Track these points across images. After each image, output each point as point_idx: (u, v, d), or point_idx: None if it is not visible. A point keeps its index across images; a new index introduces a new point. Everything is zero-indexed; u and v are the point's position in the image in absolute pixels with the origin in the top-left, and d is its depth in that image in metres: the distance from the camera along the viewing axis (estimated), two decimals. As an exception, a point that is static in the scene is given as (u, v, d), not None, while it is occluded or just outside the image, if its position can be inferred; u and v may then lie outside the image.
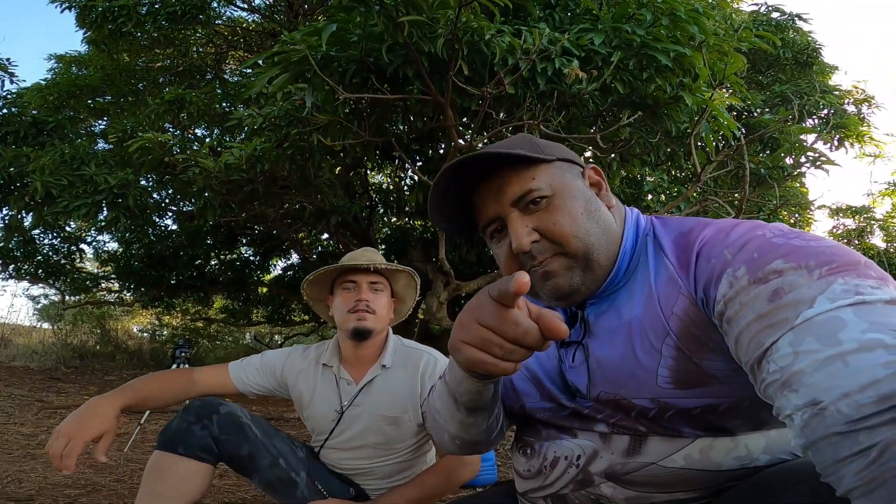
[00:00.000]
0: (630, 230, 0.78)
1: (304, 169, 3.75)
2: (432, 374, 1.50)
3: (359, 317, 1.48)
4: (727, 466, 0.68)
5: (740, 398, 0.66)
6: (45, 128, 4.66)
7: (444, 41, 2.41)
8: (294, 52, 2.49)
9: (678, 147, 3.86)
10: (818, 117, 4.80)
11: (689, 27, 2.63)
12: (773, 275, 0.57)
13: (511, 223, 0.74)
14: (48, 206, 3.93)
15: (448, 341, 0.65)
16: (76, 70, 6.29)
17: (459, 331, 0.62)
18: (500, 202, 0.75)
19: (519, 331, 0.57)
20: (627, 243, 0.77)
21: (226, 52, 6.31)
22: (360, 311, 1.48)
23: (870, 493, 0.44)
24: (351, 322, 1.49)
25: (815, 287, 0.54)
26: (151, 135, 3.63)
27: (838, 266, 0.55)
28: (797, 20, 5.22)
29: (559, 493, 0.77)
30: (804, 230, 2.97)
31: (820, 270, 0.55)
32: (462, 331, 0.61)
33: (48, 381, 5.41)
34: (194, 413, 1.39)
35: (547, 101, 2.87)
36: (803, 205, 5.29)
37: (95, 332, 8.48)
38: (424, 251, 5.52)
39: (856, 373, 0.47)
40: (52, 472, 2.13)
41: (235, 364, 1.60)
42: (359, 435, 1.53)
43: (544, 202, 0.74)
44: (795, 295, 0.54)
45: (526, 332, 0.57)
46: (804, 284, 0.54)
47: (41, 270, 6.29)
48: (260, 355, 1.64)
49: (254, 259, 7.14)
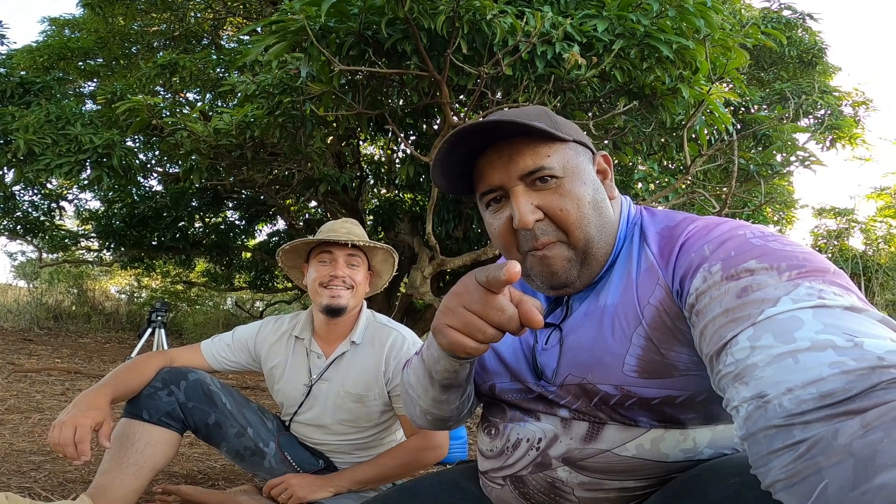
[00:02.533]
0: (623, 220, 0.79)
1: (294, 137, 3.69)
2: (398, 354, 1.49)
3: (332, 293, 1.46)
4: (674, 458, 0.71)
5: (697, 392, 0.68)
6: (32, 88, 4.58)
7: (445, 18, 2.36)
8: (292, 21, 2.43)
9: (671, 138, 3.86)
10: (814, 117, 4.83)
11: (696, 20, 2.61)
12: (745, 273, 0.59)
13: (516, 197, 0.73)
14: (30, 164, 3.85)
15: (432, 322, 0.66)
16: (69, 33, 6.15)
17: (445, 315, 0.63)
18: (509, 172, 0.73)
19: (504, 317, 0.59)
20: (621, 233, 0.78)
21: (224, 18, 6.14)
22: (335, 288, 1.46)
23: (790, 486, 0.46)
24: (324, 298, 1.46)
25: (782, 288, 0.56)
26: (140, 97, 3.54)
27: (808, 271, 0.57)
28: (807, 19, 5.20)
29: (518, 474, 0.79)
30: (786, 227, 2.99)
31: (790, 273, 0.57)
32: (448, 314, 0.63)
33: (21, 342, 5.34)
34: (161, 379, 1.40)
35: (544, 84, 2.84)
36: (788, 203, 5.36)
37: (72, 291, 8.37)
38: (412, 224, 5.51)
39: (803, 370, 0.48)
40: (17, 438, 2.11)
41: (207, 342, 1.59)
42: (325, 412, 1.53)
43: (553, 182, 0.73)
44: (762, 293, 0.56)
45: (510, 319, 0.59)
46: (772, 284, 0.56)
47: (20, 226, 6.16)
48: (231, 331, 1.62)
49: (239, 223, 7.04)
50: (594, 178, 0.77)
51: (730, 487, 0.60)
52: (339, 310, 1.47)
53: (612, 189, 0.80)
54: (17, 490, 1.54)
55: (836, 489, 0.42)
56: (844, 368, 0.47)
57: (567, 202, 0.72)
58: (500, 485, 0.82)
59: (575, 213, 0.72)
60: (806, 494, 0.44)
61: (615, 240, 0.77)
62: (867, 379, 0.45)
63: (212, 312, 9.55)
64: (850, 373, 0.46)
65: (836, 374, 0.47)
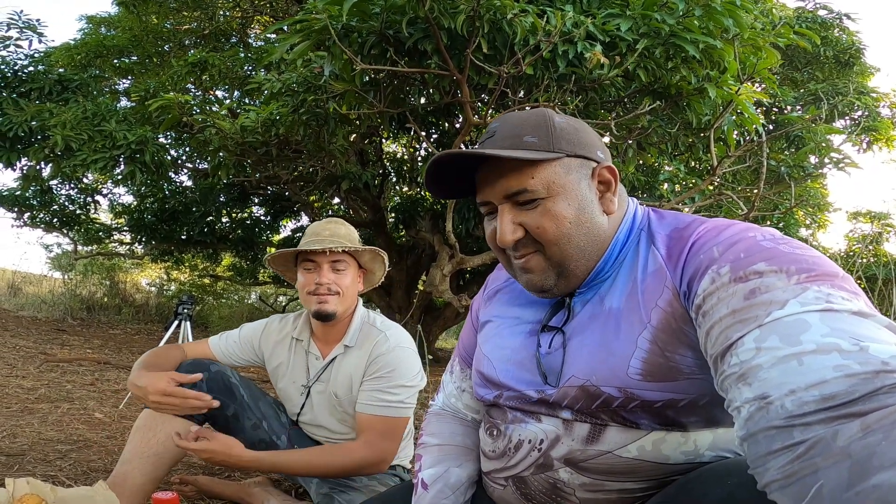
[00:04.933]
0: (625, 224, 0.80)
1: (317, 135, 3.75)
2: (377, 357, 1.45)
3: (319, 300, 1.45)
4: (674, 460, 0.71)
5: (700, 395, 0.68)
6: (69, 85, 4.73)
7: (465, 18, 2.36)
8: (315, 20, 2.46)
9: (698, 139, 3.79)
10: (850, 118, 4.69)
11: (724, 19, 2.55)
12: (753, 275, 0.59)
13: (501, 215, 0.77)
14: (67, 159, 3.99)
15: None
16: (105, 31, 6.36)
17: None
18: (496, 192, 0.77)
19: None
20: (619, 236, 0.79)
21: (252, 16, 6.28)
22: (321, 295, 1.45)
23: (785, 487, 0.46)
24: (313, 305, 1.46)
25: (790, 291, 0.56)
26: (172, 95, 3.65)
27: (816, 275, 0.56)
28: (844, 19, 5.06)
29: (520, 475, 0.79)
30: (818, 231, 2.88)
31: (798, 276, 0.57)
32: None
33: (54, 332, 5.52)
34: (185, 370, 1.42)
35: (565, 84, 2.82)
36: (821, 206, 5.20)
37: (104, 283, 8.63)
38: (433, 222, 5.53)
39: (807, 372, 0.48)
40: (46, 427, 2.17)
41: (215, 338, 1.61)
42: (322, 413, 1.53)
43: (537, 202, 0.75)
44: (770, 296, 0.56)
45: None
46: (780, 287, 0.56)
47: (56, 219, 6.40)
48: (239, 328, 1.64)
49: (264, 219, 7.19)
50: (584, 195, 0.77)
51: (726, 489, 0.60)
52: (327, 315, 1.46)
53: (612, 202, 0.79)
54: (42, 478, 1.59)
55: (830, 489, 0.42)
56: (848, 372, 0.47)
57: (546, 221, 0.75)
58: (502, 485, 0.82)
59: (553, 231, 0.75)
60: (801, 495, 0.44)
61: (606, 250, 0.78)
62: (870, 383, 0.45)
63: (236, 306, 9.71)
64: (853, 376, 0.46)
65: (840, 377, 0.47)
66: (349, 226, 1.55)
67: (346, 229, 1.53)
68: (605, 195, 0.79)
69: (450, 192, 0.86)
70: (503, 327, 0.88)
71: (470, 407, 0.99)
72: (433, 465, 0.91)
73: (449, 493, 0.86)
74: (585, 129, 0.81)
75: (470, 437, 0.95)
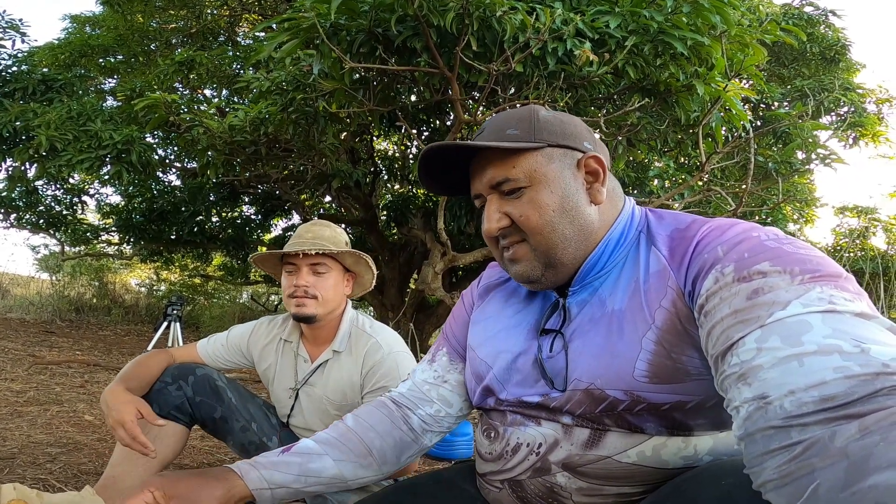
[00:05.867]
0: (621, 222, 0.79)
1: (307, 133, 3.73)
2: (371, 363, 1.45)
3: (297, 303, 1.44)
4: (673, 465, 0.71)
5: (708, 397, 0.68)
6: (54, 85, 4.66)
7: (455, 15, 2.36)
8: (304, 19, 2.44)
9: (687, 135, 3.81)
10: (836, 114, 4.73)
11: (712, 16, 2.56)
12: (757, 275, 0.59)
13: (487, 206, 0.80)
14: (52, 159, 3.94)
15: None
16: (90, 30, 6.28)
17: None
18: (483, 182, 0.80)
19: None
20: (614, 233, 0.78)
21: (240, 14, 6.22)
22: (298, 297, 1.44)
23: (781, 487, 0.46)
24: (291, 307, 1.45)
25: (793, 291, 0.56)
26: (159, 94, 3.61)
27: (820, 275, 0.57)
28: (830, 16, 5.10)
29: (516, 478, 0.79)
30: (805, 226, 2.92)
31: (802, 277, 0.57)
32: None
33: (43, 334, 5.46)
34: (170, 374, 1.42)
35: (555, 81, 2.82)
36: (808, 201, 5.25)
37: (93, 284, 8.53)
38: (425, 220, 5.52)
39: (807, 373, 0.49)
40: (35, 430, 2.14)
41: (203, 342, 1.60)
42: (313, 417, 1.52)
43: (521, 191, 0.77)
44: (773, 296, 0.56)
45: None
46: (783, 287, 0.57)
47: (42, 220, 6.31)
48: (227, 331, 1.63)
49: (255, 218, 7.13)
50: (567, 184, 0.77)
51: (721, 489, 0.60)
52: (306, 318, 1.45)
53: (600, 193, 0.78)
54: (31, 482, 1.58)
55: (826, 490, 0.42)
56: (848, 373, 0.47)
57: (528, 209, 0.76)
58: (498, 488, 0.82)
59: (536, 220, 0.76)
60: (797, 495, 0.44)
61: (597, 244, 0.78)
62: (870, 384, 0.46)
63: (228, 306, 9.64)
64: (853, 377, 0.46)
65: (840, 378, 0.47)
66: (336, 228, 1.54)
67: (332, 231, 1.51)
68: (592, 185, 0.79)
69: (446, 189, 0.88)
70: (499, 329, 0.88)
71: (444, 399, 0.95)
72: (321, 441, 0.90)
73: (295, 471, 0.86)
74: (573, 121, 0.81)
75: (387, 444, 0.93)
